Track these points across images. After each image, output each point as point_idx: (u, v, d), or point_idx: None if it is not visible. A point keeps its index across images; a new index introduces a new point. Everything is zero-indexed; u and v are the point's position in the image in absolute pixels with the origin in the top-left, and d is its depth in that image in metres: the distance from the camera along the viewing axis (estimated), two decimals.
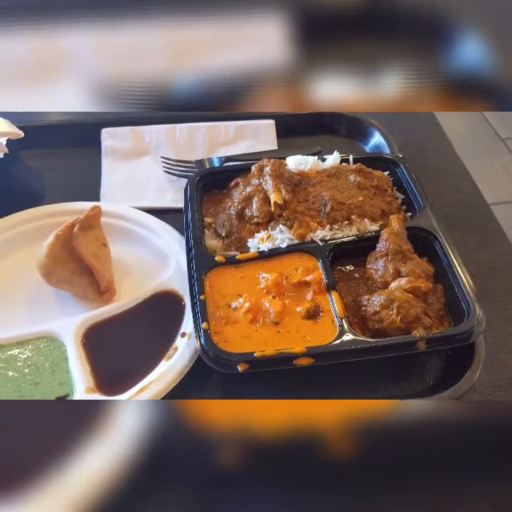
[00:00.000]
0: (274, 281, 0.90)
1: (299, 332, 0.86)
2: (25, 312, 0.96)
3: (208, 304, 0.88)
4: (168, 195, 1.19)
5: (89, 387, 0.84)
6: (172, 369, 0.85)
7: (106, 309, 0.95)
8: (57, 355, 0.88)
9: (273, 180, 1.03)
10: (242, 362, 0.81)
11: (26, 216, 1.07)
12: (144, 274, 1.03)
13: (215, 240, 1.03)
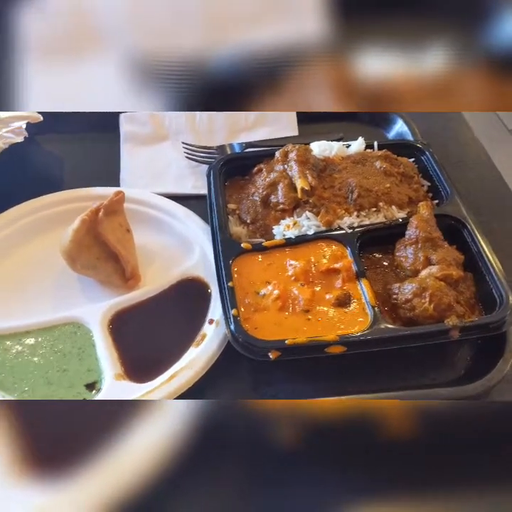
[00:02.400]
0: (302, 269, 0.89)
1: (330, 320, 0.85)
2: (49, 298, 0.95)
3: (236, 290, 0.87)
4: (189, 181, 1.17)
5: (118, 374, 0.83)
6: (202, 356, 0.84)
7: (131, 296, 0.94)
8: (84, 342, 0.87)
9: (298, 166, 1.01)
10: (273, 349, 0.80)
11: (47, 201, 1.06)
12: (168, 260, 1.02)
13: (239, 227, 1.01)
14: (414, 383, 0.86)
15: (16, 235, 1.01)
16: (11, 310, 0.92)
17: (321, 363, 0.85)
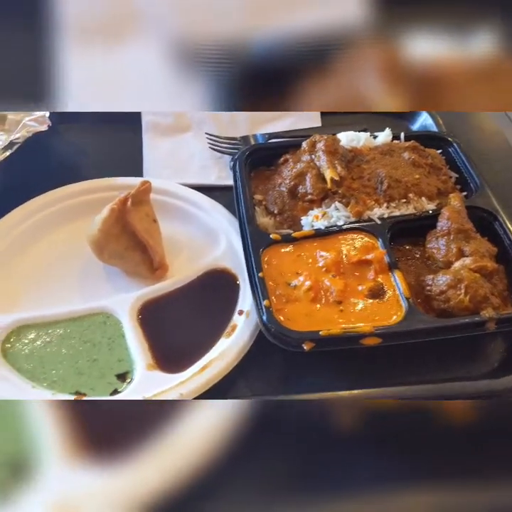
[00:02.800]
0: (333, 260, 0.88)
1: (363, 311, 0.83)
2: (76, 288, 0.94)
3: (267, 281, 0.86)
4: (213, 172, 1.16)
5: (149, 364, 0.82)
6: (233, 347, 0.83)
7: (160, 286, 0.93)
8: (113, 332, 0.86)
9: (326, 156, 1.00)
10: (307, 340, 0.79)
11: (72, 191, 1.05)
12: (194, 251, 1.01)
13: (266, 218, 1.00)
14: (449, 376, 0.85)
15: (40, 224, 1.00)
16: (39, 299, 0.91)
17: (353, 354, 0.84)
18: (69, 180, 1.07)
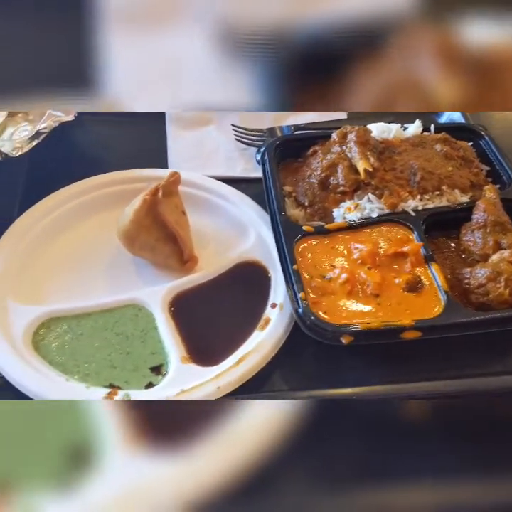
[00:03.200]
0: (369, 252, 0.87)
1: (401, 305, 0.82)
2: (106, 280, 0.92)
3: (301, 274, 0.85)
4: (239, 164, 1.14)
5: (183, 357, 0.80)
6: (268, 340, 0.82)
7: (190, 278, 0.91)
8: (146, 324, 0.85)
9: (358, 147, 0.98)
10: (346, 334, 0.77)
11: (98, 182, 1.03)
12: (223, 243, 0.99)
13: (296, 210, 0.99)
14: (487, 370, 0.83)
15: (66, 215, 0.99)
16: (67, 291, 0.89)
17: (388, 348, 0.83)
18: (94, 171, 1.05)
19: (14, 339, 0.80)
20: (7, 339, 0.80)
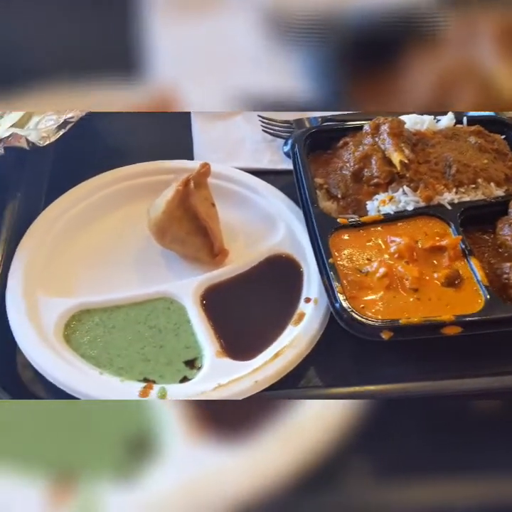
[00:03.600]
0: (406, 246, 0.85)
1: (441, 300, 0.80)
2: (135, 272, 0.91)
3: (337, 267, 0.83)
4: (266, 156, 1.13)
5: (218, 351, 0.79)
6: (304, 335, 0.80)
7: (221, 271, 0.90)
8: (178, 318, 0.83)
9: (392, 138, 0.96)
10: (386, 329, 0.76)
11: (125, 173, 1.01)
12: (252, 236, 0.97)
13: (328, 202, 0.97)
14: None
15: (94, 207, 0.97)
16: (97, 283, 0.88)
17: (428, 344, 0.81)
18: (120, 161, 1.03)
19: (45, 332, 0.79)
20: (38, 331, 0.78)
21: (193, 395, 0.72)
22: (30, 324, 0.78)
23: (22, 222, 0.92)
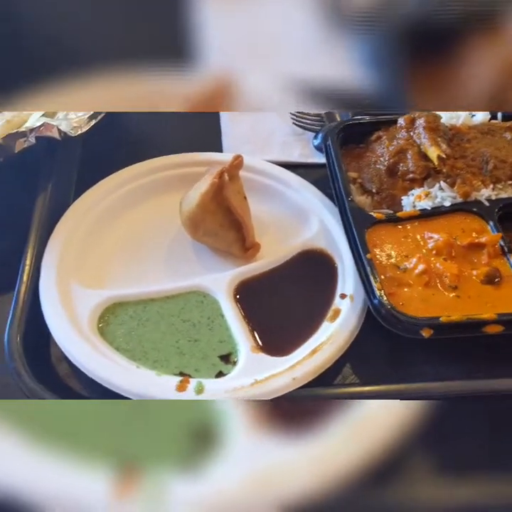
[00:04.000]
0: (445, 242, 0.83)
1: (481, 297, 0.79)
2: (167, 265, 0.90)
3: (375, 263, 0.81)
4: (296, 149, 1.11)
5: (253, 346, 0.78)
6: (341, 331, 0.79)
7: (254, 266, 0.89)
8: (212, 312, 0.82)
9: (428, 133, 0.95)
10: (426, 327, 0.74)
11: (157, 164, 1.00)
12: (284, 231, 0.96)
13: (362, 197, 0.95)
14: None
15: (126, 198, 0.96)
16: (130, 276, 0.87)
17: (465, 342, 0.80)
18: (149, 153, 1.02)
19: (80, 324, 0.78)
20: (73, 324, 0.77)
21: (230, 390, 0.71)
22: (65, 316, 0.78)
23: (53, 213, 0.91)
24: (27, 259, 0.84)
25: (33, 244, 0.86)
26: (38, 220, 0.89)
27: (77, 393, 0.76)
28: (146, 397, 0.70)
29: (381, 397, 0.74)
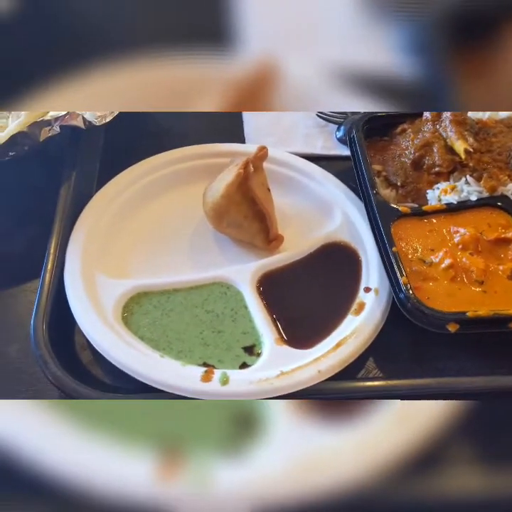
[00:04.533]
0: (472, 237, 0.82)
1: (507, 293, 0.78)
2: (190, 255, 0.90)
3: (401, 257, 0.81)
4: (318, 141, 1.10)
5: (277, 338, 0.78)
6: (366, 325, 0.79)
7: (277, 258, 0.88)
8: (235, 303, 0.82)
9: (455, 126, 0.94)
10: (452, 321, 0.74)
11: (180, 155, 1.00)
12: (307, 223, 0.96)
13: (387, 190, 0.95)
14: None
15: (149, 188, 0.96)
16: (153, 266, 0.87)
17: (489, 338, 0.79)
18: (172, 143, 1.02)
19: (104, 313, 0.78)
20: (98, 312, 0.78)
21: (255, 382, 0.71)
22: (90, 306, 0.78)
23: (77, 202, 0.91)
24: (51, 249, 0.84)
25: (57, 233, 0.86)
26: (62, 209, 0.89)
27: (101, 381, 0.76)
28: (171, 387, 0.71)
29: (405, 391, 0.74)
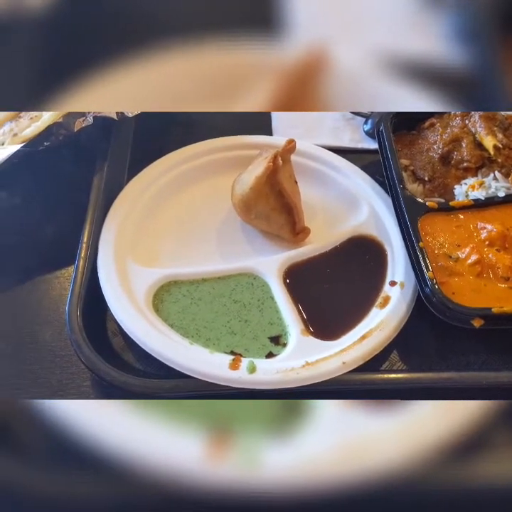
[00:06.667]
0: (499, 234, 0.83)
1: None
2: (218, 246, 0.92)
3: (427, 252, 0.82)
4: (345, 134, 1.11)
5: (303, 329, 0.79)
6: (391, 318, 0.80)
7: (304, 250, 0.90)
8: (262, 294, 0.84)
9: (484, 121, 0.93)
10: (477, 317, 0.74)
11: (210, 147, 1.01)
12: (333, 216, 0.97)
13: (414, 184, 0.95)
14: None
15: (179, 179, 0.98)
16: (182, 255, 0.89)
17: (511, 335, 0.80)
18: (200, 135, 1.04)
19: (136, 300, 0.81)
20: (131, 300, 0.80)
21: (281, 371, 0.73)
22: (122, 293, 0.80)
23: (109, 191, 0.94)
24: (85, 237, 0.87)
25: (90, 222, 0.89)
26: (95, 198, 0.92)
27: (132, 366, 0.79)
28: (199, 373, 0.73)
29: (428, 384, 0.75)
